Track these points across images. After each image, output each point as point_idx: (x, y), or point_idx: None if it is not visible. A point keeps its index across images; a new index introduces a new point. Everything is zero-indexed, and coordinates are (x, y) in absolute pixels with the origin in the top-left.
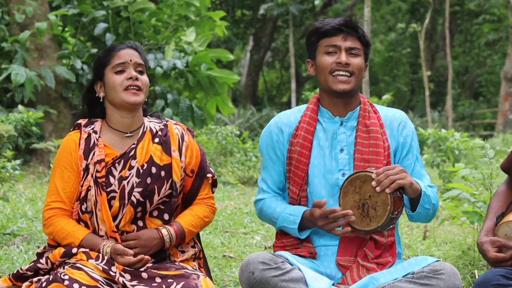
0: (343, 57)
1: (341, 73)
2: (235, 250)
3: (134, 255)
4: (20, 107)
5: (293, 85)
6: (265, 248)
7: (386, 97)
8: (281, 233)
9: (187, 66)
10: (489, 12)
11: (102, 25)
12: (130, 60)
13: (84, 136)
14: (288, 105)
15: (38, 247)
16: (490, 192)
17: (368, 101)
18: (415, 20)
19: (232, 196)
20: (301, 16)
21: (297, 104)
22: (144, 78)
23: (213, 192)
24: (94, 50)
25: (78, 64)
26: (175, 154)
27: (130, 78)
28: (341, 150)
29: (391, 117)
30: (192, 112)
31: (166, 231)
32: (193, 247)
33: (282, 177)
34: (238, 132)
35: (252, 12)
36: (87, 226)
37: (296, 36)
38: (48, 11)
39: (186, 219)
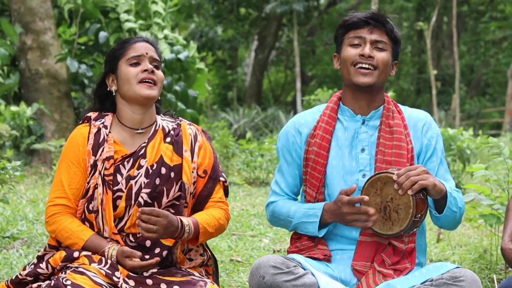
0: (367, 49)
1: (363, 65)
2: (243, 254)
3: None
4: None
5: (298, 85)
6: (274, 251)
7: (389, 94)
8: (296, 237)
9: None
10: (496, 9)
11: (95, 26)
12: (146, 53)
13: (94, 130)
14: (293, 105)
15: (39, 251)
16: (507, 193)
17: (392, 101)
18: (422, 18)
19: (238, 197)
20: (306, 14)
21: (302, 104)
22: (160, 73)
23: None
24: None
25: (74, 65)
26: (187, 154)
27: (146, 70)
28: (362, 150)
29: (416, 118)
30: (195, 103)
31: (187, 221)
32: (201, 255)
33: (297, 181)
34: (238, 133)
35: (257, 11)
36: (91, 226)
37: (300, 35)
38: (50, 8)
39: (202, 217)
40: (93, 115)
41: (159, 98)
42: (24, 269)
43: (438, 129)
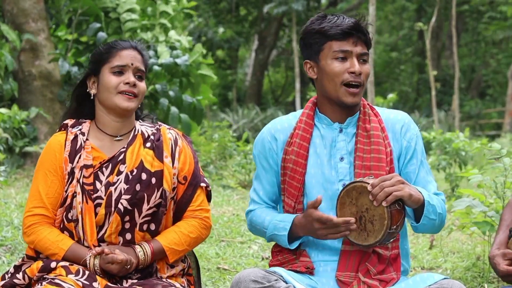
0: (357, 66)
1: (353, 84)
2: (230, 262)
3: (113, 273)
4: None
5: (298, 85)
6: (263, 258)
7: (391, 96)
8: (276, 250)
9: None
10: (496, 10)
11: (95, 25)
12: (132, 64)
13: (71, 137)
14: (293, 105)
15: (23, 259)
16: (503, 200)
17: (368, 104)
18: (423, 19)
19: (231, 201)
20: (306, 14)
21: (302, 104)
22: (142, 85)
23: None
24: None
25: (65, 66)
26: (167, 160)
27: (128, 83)
28: (341, 158)
29: (393, 119)
30: (194, 109)
31: (140, 249)
32: (182, 261)
33: (275, 188)
34: (235, 135)
35: (257, 10)
36: (71, 235)
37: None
38: (43, 9)
39: (168, 236)
40: (70, 122)
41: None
42: (3, 278)
43: (418, 130)
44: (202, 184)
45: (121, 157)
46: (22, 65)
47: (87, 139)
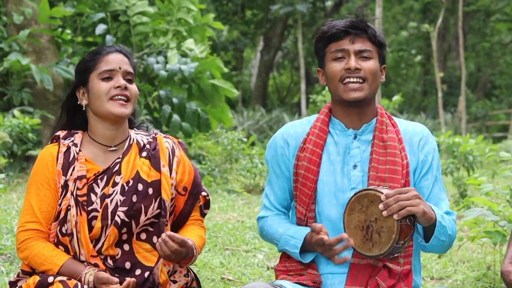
0: (352, 62)
1: (352, 80)
2: (235, 272)
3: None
4: (15, 112)
5: (303, 87)
6: (268, 268)
7: (397, 98)
8: (285, 256)
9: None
10: (503, 12)
11: (102, 27)
12: (120, 68)
13: (63, 149)
14: (298, 106)
15: (18, 274)
16: None
17: (386, 113)
18: (428, 20)
19: (236, 206)
20: (312, 15)
21: (307, 106)
22: (133, 87)
23: (205, 214)
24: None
25: (61, 72)
26: (165, 169)
27: (118, 87)
28: (354, 166)
29: (412, 131)
30: (198, 117)
31: (194, 247)
32: (186, 276)
33: (286, 194)
34: (245, 139)
35: (262, 12)
36: (67, 250)
37: (306, 36)
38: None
39: (195, 239)
40: (61, 133)
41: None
42: None
43: (435, 144)
44: (203, 193)
45: (116, 168)
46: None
47: (80, 150)
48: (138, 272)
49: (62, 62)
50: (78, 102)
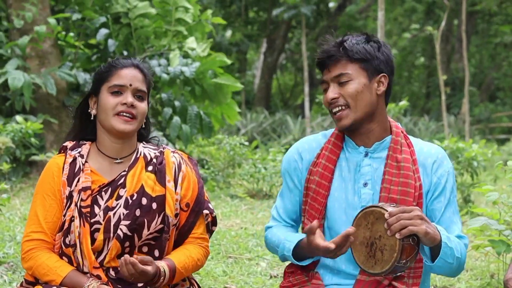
0: (330, 93)
1: (334, 110)
2: (238, 280)
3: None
4: (18, 117)
5: (306, 89)
6: (271, 276)
7: (403, 103)
8: (289, 271)
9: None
10: (506, 14)
11: (103, 31)
12: (130, 85)
13: (69, 160)
14: (301, 108)
15: (21, 284)
16: None
17: (402, 132)
18: (431, 22)
19: (239, 212)
20: (315, 17)
21: (310, 108)
22: (142, 105)
23: (213, 231)
24: (94, 57)
25: (81, 77)
26: (170, 185)
27: (125, 104)
28: (365, 184)
29: (426, 153)
30: (201, 120)
31: (163, 270)
32: (183, 280)
33: (296, 207)
34: (247, 143)
35: (266, 13)
36: (70, 261)
37: (309, 38)
38: (49, 15)
39: (181, 259)
40: (69, 144)
41: (146, 124)
42: None
43: (451, 166)
44: (206, 212)
45: (121, 181)
46: (28, 73)
47: (86, 162)
48: (140, 284)
49: (64, 65)
50: (89, 110)
